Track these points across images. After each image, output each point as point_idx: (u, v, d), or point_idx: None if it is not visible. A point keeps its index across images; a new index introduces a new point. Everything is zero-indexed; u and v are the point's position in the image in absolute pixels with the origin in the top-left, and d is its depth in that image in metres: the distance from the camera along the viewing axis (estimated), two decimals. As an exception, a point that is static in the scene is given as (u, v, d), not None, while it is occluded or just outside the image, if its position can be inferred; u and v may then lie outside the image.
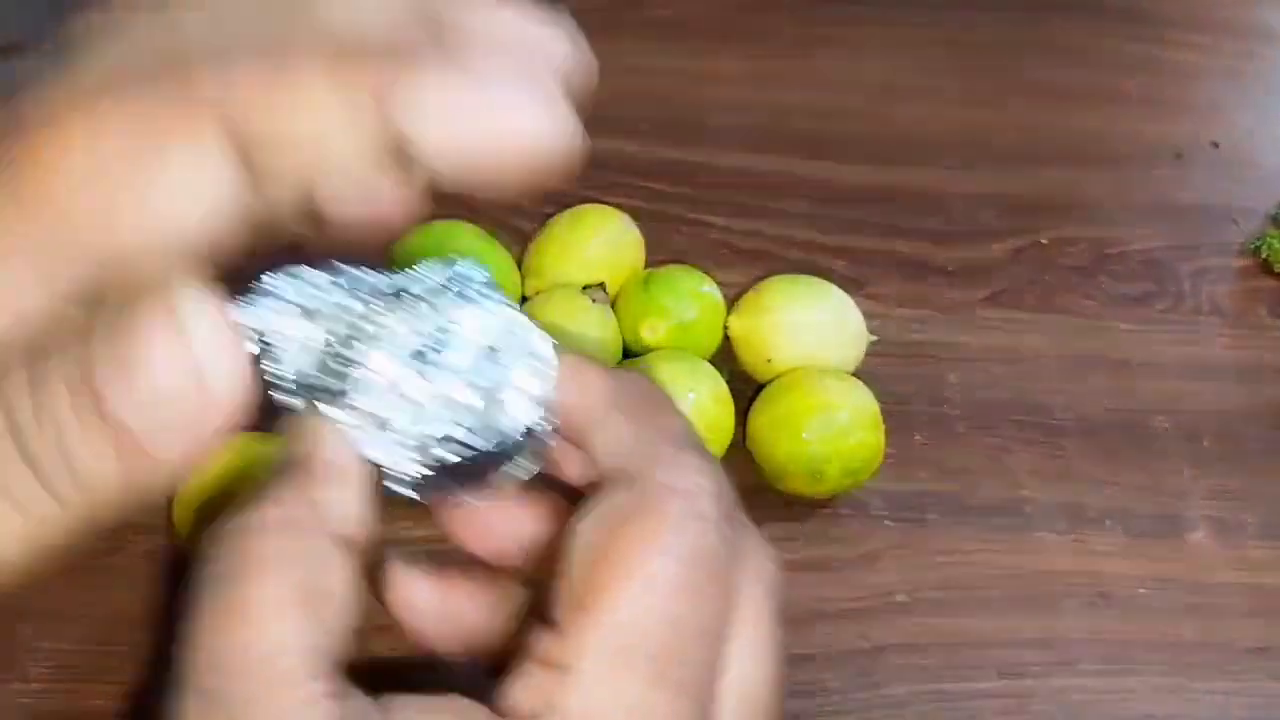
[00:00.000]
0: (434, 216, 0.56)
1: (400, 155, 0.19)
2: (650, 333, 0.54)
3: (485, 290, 0.25)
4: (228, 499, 0.29)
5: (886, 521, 0.53)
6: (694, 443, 0.24)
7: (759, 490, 0.52)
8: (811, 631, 0.49)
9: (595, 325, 0.53)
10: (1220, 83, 0.74)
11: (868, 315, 0.56)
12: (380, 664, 0.23)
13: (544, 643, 0.22)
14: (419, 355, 0.24)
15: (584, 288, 0.54)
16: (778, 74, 0.71)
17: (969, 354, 0.59)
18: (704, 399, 0.51)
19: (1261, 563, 0.53)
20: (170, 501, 0.46)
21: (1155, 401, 0.59)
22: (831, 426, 0.50)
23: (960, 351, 0.59)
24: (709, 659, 0.22)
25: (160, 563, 0.47)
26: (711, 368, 0.53)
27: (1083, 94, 0.72)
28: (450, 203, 0.61)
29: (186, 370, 0.18)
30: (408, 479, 0.24)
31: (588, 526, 0.22)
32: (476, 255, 0.55)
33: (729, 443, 0.52)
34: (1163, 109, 0.72)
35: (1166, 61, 0.75)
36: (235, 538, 0.21)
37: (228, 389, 0.18)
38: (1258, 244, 0.65)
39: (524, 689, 0.21)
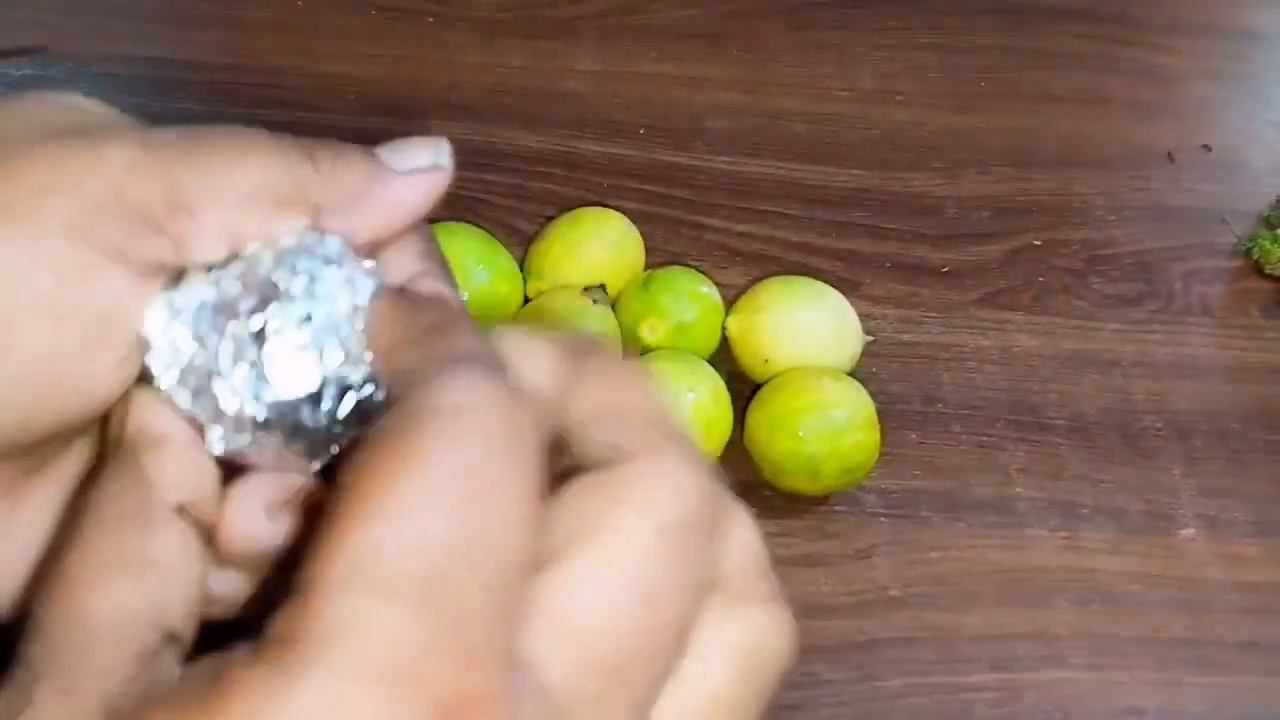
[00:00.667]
0: (437, 219, 0.57)
1: None
2: (650, 333, 0.55)
3: (328, 256, 0.23)
4: None
5: (881, 518, 0.54)
6: (479, 356, 0.21)
7: (756, 487, 0.53)
8: (808, 625, 0.50)
9: (596, 326, 0.54)
10: (1210, 85, 0.75)
11: (863, 316, 0.57)
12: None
13: (300, 570, 0.20)
14: (219, 310, 0.23)
15: (585, 289, 0.55)
16: (773, 79, 0.71)
17: (963, 354, 0.60)
18: (703, 398, 0.52)
19: (1251, 560, 0.54)
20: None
21: (1146, 401, 0.59)
22: (828, 426, 0.51)
23: (954, 352, 0.60)
24: (487, 581, 0.20)
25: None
26: (710, 367, 0.54)
27: (1074, 97, 0.73)
28: (453, 205, 0.62)
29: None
30: (216, 442, 0.23)
31: (356, 454, 0.21)
32: (480, 257, 0.55)
33: (727, 441, 0.53)
34: (1154, 112, 0.73)
35: (1157, 65, 0.75)
36: (71, 518, 0.22)
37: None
38: (1248, 245, 0.65)
39: (278, 616, 0.20)
